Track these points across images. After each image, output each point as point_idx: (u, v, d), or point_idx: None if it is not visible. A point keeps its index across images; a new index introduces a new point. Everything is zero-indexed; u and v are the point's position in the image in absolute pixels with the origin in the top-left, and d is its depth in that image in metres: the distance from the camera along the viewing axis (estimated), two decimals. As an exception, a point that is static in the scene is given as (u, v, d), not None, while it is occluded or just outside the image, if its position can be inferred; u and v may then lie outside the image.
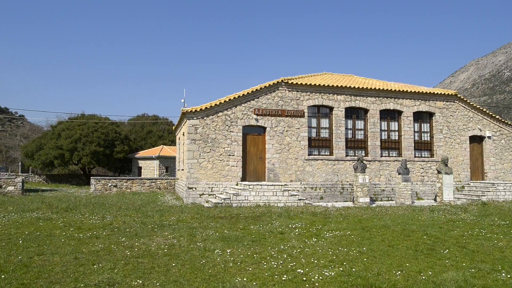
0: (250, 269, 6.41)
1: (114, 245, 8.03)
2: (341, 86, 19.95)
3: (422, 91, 21.34)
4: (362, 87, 20.25)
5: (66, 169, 43.83)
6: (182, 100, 23.08)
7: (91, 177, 25.80)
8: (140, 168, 38.85)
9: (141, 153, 39.74)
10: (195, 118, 17.97)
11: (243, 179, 18.36)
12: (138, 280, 5.69)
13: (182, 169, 21.07)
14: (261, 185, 16.63)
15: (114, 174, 44.92)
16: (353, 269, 6.40)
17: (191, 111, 17.90)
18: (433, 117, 21.69)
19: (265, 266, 6.60)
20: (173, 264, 6.59)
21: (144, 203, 16.97)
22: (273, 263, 6.78)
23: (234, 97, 18.42)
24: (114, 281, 5.61)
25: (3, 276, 5.74)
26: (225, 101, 18.27)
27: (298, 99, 19.43)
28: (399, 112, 21.28)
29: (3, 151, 58.30)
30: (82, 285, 5.43)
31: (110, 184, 24.99)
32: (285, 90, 19.28)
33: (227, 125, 18.30)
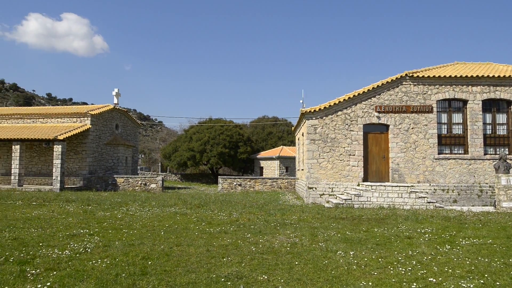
0: (375, 273, 6.14)
1: (240, 240, 8.52)
2: (477, 76, 17.76)
3: None
4: (504, 76, 17.71)
5: (197, 169, 48.17)
6: (301, 101, 23.37)
7: (219, 176, 27.83)
8: (261, 168, 40.51)
9: (262, 154, 41.40)
10: (314, 118, 17.99)
11: (365, 179, 17.71)
12: (263, 275, 5.93)
13: (302, 169, 21.30)
14: (384, 186, 15.83)
15: (238, 173, 47.71)
16: (497, 283, 5.64)
17: (309, 111, 17.97)
18: None
19: (391, 271, 6.25)
20: (296, 263, 6.70)
21: (266, 201, 17.63)
22: (400, 269, 6.38)
23: (354, 95, 17.90)
24: (242, 275, 5.94)
25: (149, 263, 6.56)
26: (344, 99, 17.89)
27: (425, 93, 17.95)
28: (554, 102, 18.04)
29: (146, 153, 66.85)
30: (214, 275, 5.89)
31: (235, 183, 26.59)
32: (410, 84, 18.00)
33: (346, 124, 17.88)
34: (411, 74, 17.92)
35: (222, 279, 5.69)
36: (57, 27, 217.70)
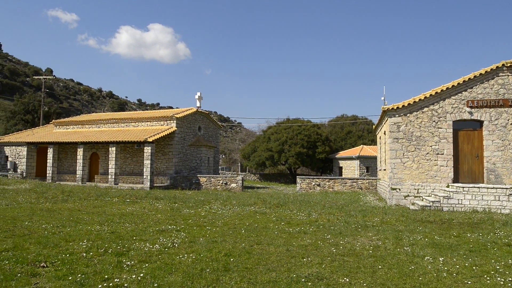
0: (469, 282, 5.66)
1: (320, 241, 8.42)
2: None
3: None
4: None
5: (275, 168, 48.61)
6: (382, 98, 22.42)
7: (297, 176, 27.77)
8: (340, 168, 39.58)
9: (341, 153, 40.41)
10: (397, 115, 17.12)
11: (455, 180, 16.39)
12: (345, 278, 5.79)
13: (384, 169, 20.39)
14: (478, 187, 14.51)
15: (316, 173, 47.16)
16: None
17: (392, 108, 17.14)
18: None
19: (488, 281, 5.71)
20: (379, 267, 6.43)
21: (346, 202, 17.19)
22: (498, 279, 5.80)
23: (442, 90, 16.67)
24: (322, 276, 5.87)
25: (231, 259, 6.78)
26: (430, 94, 16.75)
27: (526, 85, 16.07)
28: None
29: (226, 153, 69.21)
30: (294, 275, 5.90)
31: (313, 183, 26.34)
32: (508, 75, 16.26)
33: (433, 121, 16.72)
34: (509, 64, 16.18)
35: (303, 280, 5.68)
36: (145, 37, 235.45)
